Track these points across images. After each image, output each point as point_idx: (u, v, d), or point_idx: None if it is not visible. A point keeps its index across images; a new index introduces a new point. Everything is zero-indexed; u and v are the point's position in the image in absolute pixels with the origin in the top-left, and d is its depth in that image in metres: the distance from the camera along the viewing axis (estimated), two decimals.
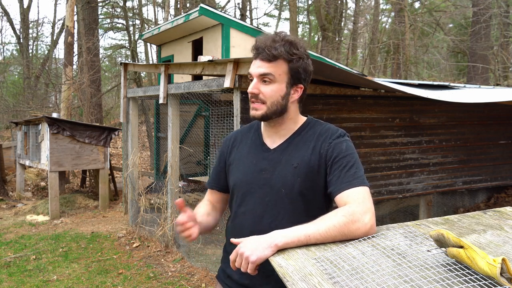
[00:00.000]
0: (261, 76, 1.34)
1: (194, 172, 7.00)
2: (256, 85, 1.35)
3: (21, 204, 7.65)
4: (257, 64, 1.35)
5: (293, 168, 1.36)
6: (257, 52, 1.35)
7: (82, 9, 11.26)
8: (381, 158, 4.61)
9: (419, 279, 0.87)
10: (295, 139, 1.41)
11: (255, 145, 1.46)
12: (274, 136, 1.44)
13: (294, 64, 1.34)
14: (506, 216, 1.26)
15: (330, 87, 4.11)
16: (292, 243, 1.11)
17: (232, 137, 1.56)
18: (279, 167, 1.38)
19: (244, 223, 1.41)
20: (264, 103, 1.35)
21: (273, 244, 1.11)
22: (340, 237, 1.13)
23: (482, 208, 6.28)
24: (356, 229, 1.13)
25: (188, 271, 4.27)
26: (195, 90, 4.28)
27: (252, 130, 1.52)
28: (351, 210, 1.17)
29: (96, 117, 10.39)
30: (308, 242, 1.12)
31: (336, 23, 14.16)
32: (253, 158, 1.44)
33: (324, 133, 1.39)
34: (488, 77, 11.34)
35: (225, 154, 1.53)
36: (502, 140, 5.59)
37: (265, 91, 1.34)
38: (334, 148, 1.34)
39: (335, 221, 1.13)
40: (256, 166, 1.41)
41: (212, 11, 6.46)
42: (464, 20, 14.38)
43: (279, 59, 1.32)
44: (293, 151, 1.39)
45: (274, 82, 1.34)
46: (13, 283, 4.07)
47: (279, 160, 1.39)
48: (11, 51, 26.99)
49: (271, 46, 1.32)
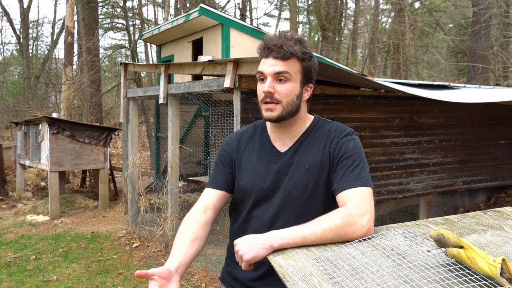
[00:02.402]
0: (276, 74, 1.30)
1: (194, 172, 7.00)
2: (272, 84, 1.30)
3: (21, 204, 7.65)
4: (270, 62, 1.31)
5: (305, 170, 1.35)
6: (269, 50, 1.31)
7: (82, 9, 11.27)
8: (381, 158, 4.61)
9: (419, 279, 0.86)
10: (305, 140, 1.39)
11: (264, 148, 1.43)
12: (283, 138, 1.41)
13: (306, 63, 1.33)
14: (506, 216, 1.26)
15: (330, 87, 4.11)
16: (287, 244, 1.11)
17: (235, 138, 1.50)
18: (291, 170, 1.36)
19: (256, 227, 1.38)
20: (279, 103, 1.31)
21: (268, 245, 1.11)
22: (337, 239, 1.12)
23: (482, 208, 6.28)
24: (353, 232, 1.12)
25: (188, 271, 4.27)
26: (195, 90, 4.28)
27: (258, 132, 1.48)
28: (349, 212, 1.16)
29: (96, 117, 10.40)
30: (304, 243, 1.11)
31: (336, 23, 14.15)
32: (263, 162, 1.40)
33: (333, 132, 1.38)
34: (488, 77, 11.33)
35: (231, 154, 1.48)
36: (502, 140, 5.59)
37: (281, 90, 1.31)
38: (342, 146, 1.33)
39: (332, 223, 1.12)
40: (267, 170, 1.38)
41: (212, 11, 6.46)
42: (464, 20, 14.38)
43: (293, 57, 1.30)
44: (304, 153, 1.37)
45: (290, 81, 1.31)
46: (13, 283, 4.07)
47: (290, 163, 1.37)
48: (11, 51, 27.03)
49: (286, 44, 1.29)
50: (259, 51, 1.36)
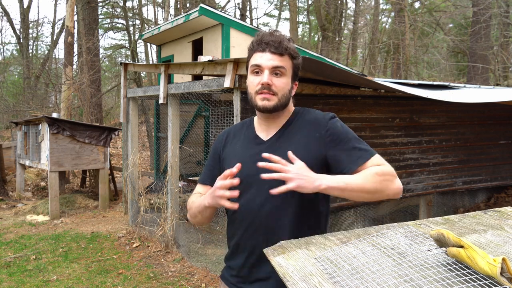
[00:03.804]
0: (273, 68, 1.36)
1: (194, 172, 7.00)
2: (270, 76, 1.37)
3: (21, 204, 7.65)
4: (267, 56, 1.37)
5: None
6: (267, 45, 1.37)
7: (82, 9, 11.27)
8: None
9: (419, 278, 0.87)
10: (287, 128, 1.45)
11: (248, 139, 1.48)
12: (269, 129, 1.46)
13: (296, 61, 1.42)
14: (506, 216, 1.26)
15: (330, 87, 4.11)
16: (332, 188, 1.21)
17: (225, 133, 1.57)
18: (276, 155, 1.36)
19: (244, 214, 1.41)
20: (275, 95, 1.37)
21: (318, 183, 1.19)
22: (374, 192, 1.22)
23: (482, 208, 6.28)
24: (390, 187, 1.26)
25: (188, 271, 4.27)
26: (195, 90, 4.28)
27: (245, 126, 1.54)
28: (385, 170, 1.28)
29: (96, 117, 10.40)
30: (345, 189, 1.21)
31: (336, 23, 14.16)
32: (247, 151, 1.45)
33: (316, 119, 1.43)
34: (488, 77, 11.33)
35: (219, 150, 1.54)
36: (502, 140, 5.59)
37: (277, 84, 1.37)
38: (333, 130, 1.38)
39: (370, 177, 1.24)
40: (251, 158, 1.40)
41: (212, 11, 6.46)
42: (464, 20, 14.39)
43: (286, 54, 1.38)
44: (288, 139, 1.42)
45: (284, 76, 1.38)
46: (13, 283, 4.07)
47: (274, 150, 1.38)
48: (11, 51, 27.03)
49: (282, 41, 1.37)
50: (253, 46, 1.41)
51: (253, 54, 1.41)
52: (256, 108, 1.42)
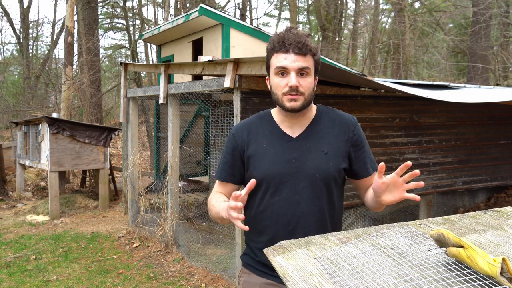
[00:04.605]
0: (299, 69, 1.38)
1: (194, 172, 7.00)
2: (297, 78, 1.39)
3: (21, 204, 7.65)
4: (291, 58, 1.38)
5: (323, 154, 1.45)
6: (291, 46, 1.38)
7: (82, 9, 11.27)
8: (381, 158, 4.61)
9: (419, 278, 0.87)
10: (315, 127, 1.49)
11: (275, 136, 1.49)
12: (294, 126, 1.49)
13: (316, 57, 1.44)
14: (506, 216, 1.26)
15: (330, 87, 4.11)
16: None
17: (244, 129, 1.54)
18: (310, 154, 1.45)
19: (280, 212, 1.44)
20: (302, 95, 1.40)
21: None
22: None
23: (482, 208, 6.28)
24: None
25: (188, 271, 4.27)
26: (195, 90, 4.28)
27: (265, 121, 1.53)
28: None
29: (96, 117, 10.40)
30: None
31: (336, 23, 14.15)
32: (277, 148, 1.47)
33: (345, 120, 1.52)
34: (488, 77, 11.33)
35: (241, 146, 1.52)
36: (502, 140, 5.59)
37: (304, 84, 1.40)
38: (359, 135, 1.51)
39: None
40: (283, 156, 1.45)
41: (212, 11, 6.46)
42: (464, 20, 14.39)
43: (309, 53, 1.40)
44: (319, 138, 1.48)
45: (309, 75, 1.41)
46: (13, 283, 4.07)
47: (307, 148, 1.45)
48: (11, 51, 27.03)
49: (304, 40, 1.39)
50: (274, 46, 1.41)
51: (274, 54, 1.42)
52: (283, 109, 1.44)
